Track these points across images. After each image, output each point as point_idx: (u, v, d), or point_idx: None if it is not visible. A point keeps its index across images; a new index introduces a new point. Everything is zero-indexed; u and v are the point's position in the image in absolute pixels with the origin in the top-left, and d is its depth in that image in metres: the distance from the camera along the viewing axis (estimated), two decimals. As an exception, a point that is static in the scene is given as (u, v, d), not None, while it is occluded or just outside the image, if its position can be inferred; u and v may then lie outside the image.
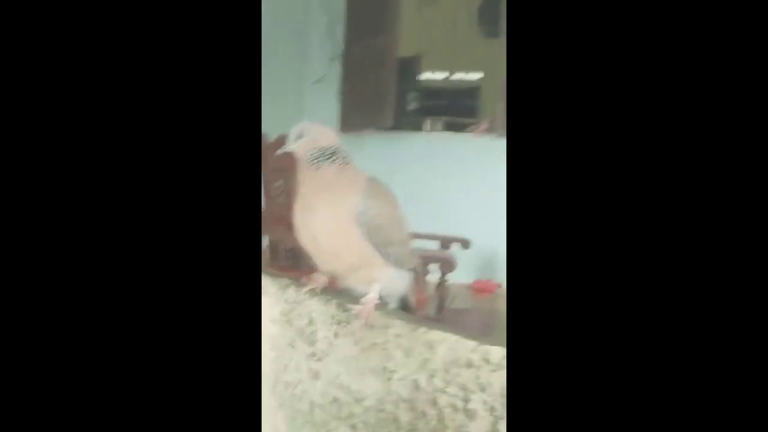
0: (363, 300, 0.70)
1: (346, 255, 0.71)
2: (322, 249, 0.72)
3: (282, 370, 0.81)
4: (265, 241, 2.10)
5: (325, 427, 0.73)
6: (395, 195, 0.75)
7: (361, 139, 3.59)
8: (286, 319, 0.79)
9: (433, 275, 1.69)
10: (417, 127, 4.04)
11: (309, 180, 0.71)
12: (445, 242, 2.01)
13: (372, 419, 0.69)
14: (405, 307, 0.79)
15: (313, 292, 0.76)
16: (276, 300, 0.81)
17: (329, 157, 0.71)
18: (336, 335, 0.73)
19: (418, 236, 2.03)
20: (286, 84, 3.68)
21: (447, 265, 1.71)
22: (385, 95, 3.38)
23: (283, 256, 2.03)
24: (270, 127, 2.13)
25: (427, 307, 1.32)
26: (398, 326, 0.66)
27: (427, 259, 1.52)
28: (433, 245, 1.98)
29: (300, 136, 0.73)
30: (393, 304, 0.78)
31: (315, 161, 0.71)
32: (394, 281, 0.74)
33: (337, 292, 0.76)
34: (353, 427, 0.70)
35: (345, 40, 3.60)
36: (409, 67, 3.64)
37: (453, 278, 1.79)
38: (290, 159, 0.78)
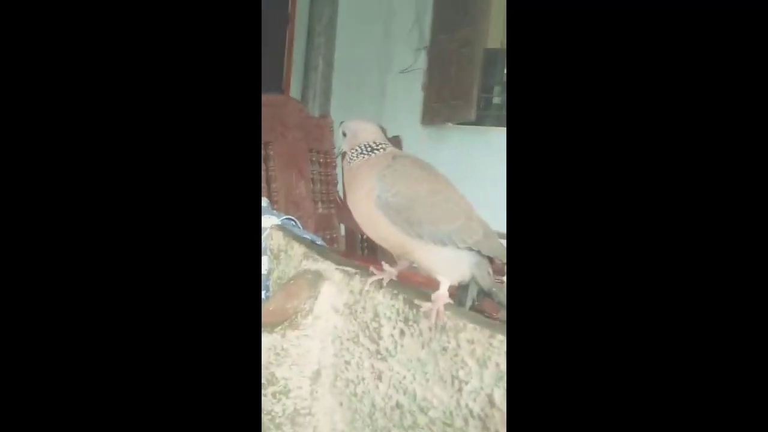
0: (433, 296, 0.62)
1: (389, 243, 0.67)
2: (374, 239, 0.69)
3: (343, 366, 0.75)
4: (342, 230, 2.07)
5: (386, 434, 0.66)
6: (426, 170, 0.68)
7: (444, 132, 3.50)
8: (350, 311, 0.73)
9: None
10: (501, 122, 3.86)
11: (347, 172, 0.69)
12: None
13: (438, 432, 0.61)
14: (487, 296, 0.69)
15: (378, 284, 0.69)
16: (340, 290, 0.75)
17: (372, 152, 0.68)
18: (402, 334, 0.66)
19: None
20: (370, 73, 3.65)
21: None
22: (469, 88, 3.25)
23: (359, 246, 1.99)
24: (350, 115, 2.10)
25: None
26: (471, 331, 0.57)
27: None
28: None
29: (343, 135, 0.71)
30: (473, 293, 0.69)
31: (358, 157, 0.68)
32: (456, 263, 0.65)
33: (407, 286, 0.68)
34: (416, 438, 0.63)
35: (431, 30, 3.51)
36: (495, 60, 3.47)
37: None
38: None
